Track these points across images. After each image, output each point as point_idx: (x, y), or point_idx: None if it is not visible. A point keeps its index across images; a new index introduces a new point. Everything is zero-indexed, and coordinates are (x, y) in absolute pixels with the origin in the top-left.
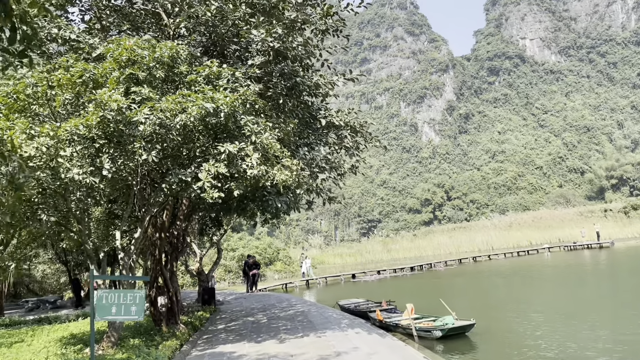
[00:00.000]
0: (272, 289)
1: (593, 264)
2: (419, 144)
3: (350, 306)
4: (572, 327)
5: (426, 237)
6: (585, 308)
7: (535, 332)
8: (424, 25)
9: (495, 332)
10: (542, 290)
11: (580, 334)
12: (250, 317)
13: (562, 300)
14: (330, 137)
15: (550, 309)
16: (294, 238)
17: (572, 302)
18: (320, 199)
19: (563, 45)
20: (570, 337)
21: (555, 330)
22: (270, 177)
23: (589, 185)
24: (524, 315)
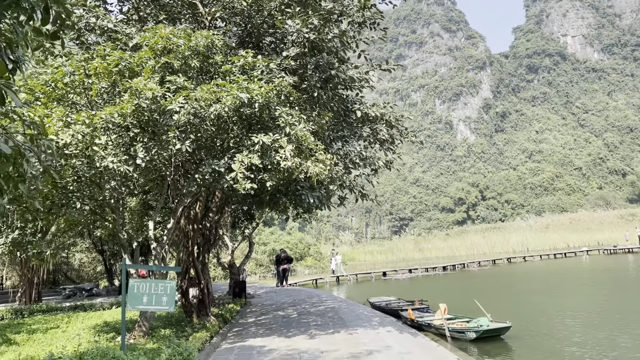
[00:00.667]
0: (303, 284)
1: (635, 269)
2: (453, 142)
3: (382, 304)
4: (610, 335)
5: (459, 236)
6: (624, 315)
7: (572, 337)
8: (461, 21)
9: (531, 336)
10: (580, 295)
11: (618, 342)
12: (281, 311)
13: (601, 306)
14: (364, 131)
15: (588, 314)
16: (325, 234)
17: (611, 309)
18: (352, 195)
19: (606, 42)
20: (607, 345)
21: (592, 337)
22: (303, 170)
23: (630, 188)
24: (560, 319)
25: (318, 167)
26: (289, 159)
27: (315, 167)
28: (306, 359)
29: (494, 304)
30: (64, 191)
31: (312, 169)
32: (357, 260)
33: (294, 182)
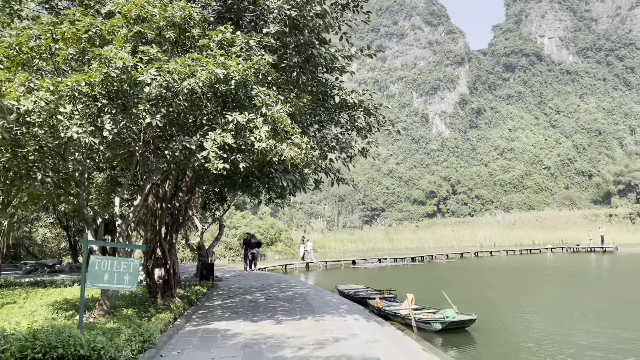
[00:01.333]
0: (272, 269)
1: (596, 267)
2: (428, 136)
3: (350, 292)
4: (570, 328)
5: (429, 229)
6: (584, 310)
7: (532, 333)
8: (443, 16)
9: (495, 328)
10: (542, 291)
11: (578, 335)
12: (248, 295)
13: (562, 303)
14: (342, 117)
15: (549, 311)
16: (297, 221)
17: (571, 306)
18: (328, 179)
19: (582, 46)
20: (568, 338)
21: (551, 333)
22: (278, 153)
23: (595, 189)
24: (523, 314)
25: (293, 150)
26: (263, 140)
27: (290, 150)
28: (271, 344)
29: (460, 296)
30: (24, 161)
31: (287, 152)
32: (328, 248)
33: (268, 165)
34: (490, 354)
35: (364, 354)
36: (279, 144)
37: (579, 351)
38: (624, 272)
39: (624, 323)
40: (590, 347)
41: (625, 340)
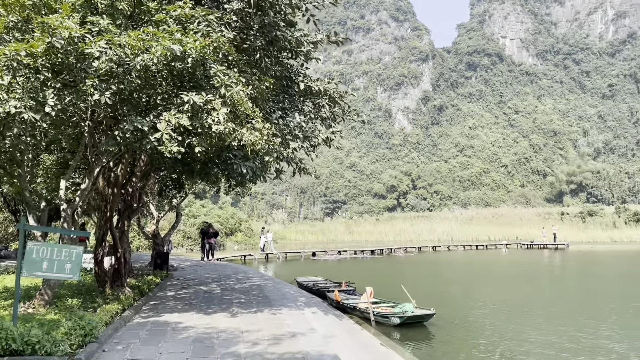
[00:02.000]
0: (230, 259)
1: (548, 264)
2: (391, 131)
3: (309, 284)
4: (523, 325)
5: (388, 222)
6: (536, 307)
7: (490, 326)
8: (409, 12)
9: (453, 324)
10: (498, 286)
11: (530, 332)
12: (203, 286)
13: (516, 297)
14: (306, 105)
15: (505, 304)
16: (258, 211)
17: (525, 300)
18: (290, 168)
19: (541, 48)
20: (520, 335)
21: (508, 327)
22: (237, 137)
23: (549, 188)
24: (480, 308)
25: (254, 135)
26: (221, 123)
27: (251, 135)
28: (224, 339)
29: (419, 290)
30: None
31: (247, 136)
32: (288, 239)
33: (226, 150)
34: (448, 350)
35: (321, 350)
36: (239, 128)
37: (530, 349)
38: (574, 269)
39: (574, 321)
40: (541, 344)
41: (575, 339)
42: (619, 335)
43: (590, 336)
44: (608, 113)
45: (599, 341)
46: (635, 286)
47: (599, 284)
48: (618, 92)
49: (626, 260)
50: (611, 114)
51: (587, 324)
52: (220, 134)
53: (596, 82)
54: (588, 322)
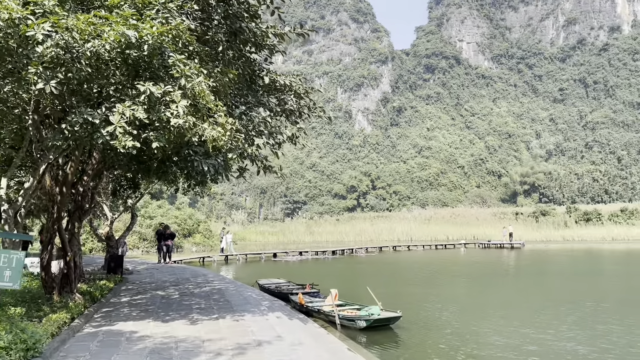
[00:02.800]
0: (189, 261)
1: (506, 263)
2: (351, 132)
3: (271, 286)
4: (487, 326)
5: (349, 222)
6: (498, 307)
7: (456, 328)
8: (369, 13)
9: (419, 326)
10: (460, 285)
11: (492, 334)
12: (161, 290)
13: (479, 297)
14: (270, 101)
15: (468, 305)
16: (217, 212)
17: (487, 300)
18: (254, 167)
19: (496, 52)
20: (485, 337)
21: (472, 328)
22: (198, 132)
23: (504, 189)
24: (444, 309)
25: (216, 130)
26: (181, 117)
27: (213, 130)
28: (184, 349)
29: (383, 291)
30: None
31: (209, 131)
32: (248, 240)
33: (186, 146)
34: (415, 353)
35: None
36: (200, 122)
37: (495, 352)
38: (531, 268)
39: (536, 322)
40: (505, 347)
41: (539, 342)
42: (580, 336)
43: (552, 338)
44: (559, 116)
45: (561, 343)
46: (590, 285)
47: (556, 283)
48: (568, 96)
49: (579, 259)
50: (562, 117)
51: (549, 325)
52: (180, 128)
53: (548, 86)
54: (550, 323)
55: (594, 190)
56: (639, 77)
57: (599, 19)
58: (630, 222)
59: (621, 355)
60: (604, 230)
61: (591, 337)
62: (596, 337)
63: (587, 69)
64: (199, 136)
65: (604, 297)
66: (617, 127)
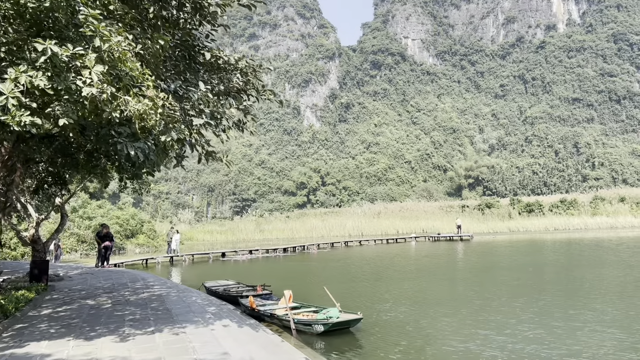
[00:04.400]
0: (131, 264)
1: (458, 255)
2: (300, 128)
3: (219, 289)
4: (449, 322)
5: (299, 219)
6: (456, 299)
7: (417, 327)
8: (315, 9)
9: (378, 326)
10: (416, 280)
11: (457, 330)
12: (91, 299)
13: (436, 291)
14: (212, 81)
15: (427, 300)
16: (162, 212)
17: (445, 293)
18: (194, 154)
19: (440, 49)
20: (449, 333)
21: (434, 325)
22: (120, 107)
23: (449, 182)
24: (404, 306)
25: (143, 103)
26: (95, 85)
27: (138, 103)
28: None
29: (336, 289)
30: None
31: (133, 105)
32: (196, 240)
33: (108, 126)
34: (376, 356)
35: None
36: (122, 94)
37: (461, 340)
38: (483, 259)
39: (496, 317)
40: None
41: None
42: (541, 335)
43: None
44: (500, 111)
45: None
46: (542, 275)
47: (509, 275)
48: (509, 92)
49: (525, 250)
50: (503, 112)
51: (507, 324)
52: (95, 100)
53: (489, 82)
54: (508, 322)
55: (534, 183)
56: (573, 73)
57: (536, 17)
58: (569, 212)
59: None
60: (546, 221)
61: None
62: (560, 336)
63: (525, 65)
64: (121, 111)
65: (555, 289)
66: (554, 121)
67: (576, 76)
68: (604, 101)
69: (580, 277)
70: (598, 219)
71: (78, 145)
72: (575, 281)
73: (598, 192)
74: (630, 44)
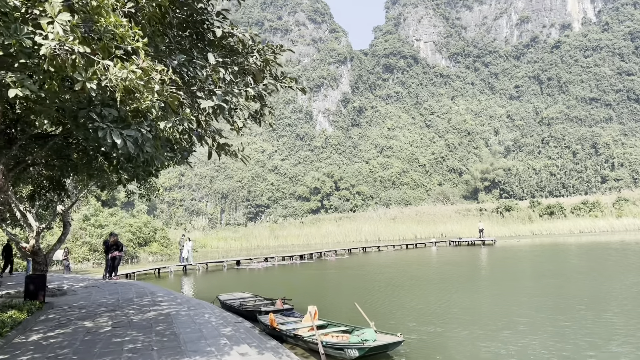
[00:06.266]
0: (143, 274)
1: (486, 262)
2: (312, 133)
3: (235, 303)
4: (504, 339)
5: (314, 225)
6: (501, 312)
7: (466, 348)
8: (326, 14)
9: (421, 348)
10: (449, 290)
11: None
12: (89, 320)
13: (477, 303)
14: (225, 62)
15: (469, 314)
16: (176, 219)
17: (487, 305)
18: (202, 147)
19: (453, 51)
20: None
21: (486, 344)
22: (97, 74)
23: (465, 186)
24: (445, 323)
25: (130, 70)
26: (57, 37)
27: (122, 70)
28: None
29: (364, 302)
30: None
31: (114, 71)
32: (209, 247)
33: (86, 101)
34: None
35: None
36: (99, 57)
37: None
38: (517, 266)
39: (552, 329)
40: None
41: None
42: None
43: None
44: (516, 113)
45: None
46: (580, 286)
47: (554, 282)
48: (524, 93)
49: (556, 254)
50: (518, 114)
51: (563, 349)
52: (60, 61)
53: (504, 83)
54: (563, 346)
55: (551, 185)
56: (589, 73)
57: (550, 17)
58: (592, 214)
59: None
60: (570, 223)
61: None
62: None
63: (540, 66)
64: (99, 82)
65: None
66: (571, 122)
67: (593, 75)
68: (622, 100)
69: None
70: (625, 221)
71: (75, 143)
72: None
73: (621, 193)
74: None
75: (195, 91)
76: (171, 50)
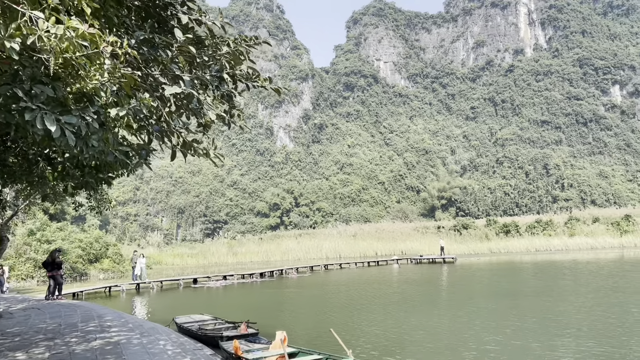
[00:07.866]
0: (92, 292)
1: (452, 280)
2: (273, 148)
3: (193, 326)
4: None
5: (274, 241)
6: (480, 335)
7: None
8: (288, 31)
9: None
10: (421, 311)
11: None
12: (22, 351)
13: (450, 324)
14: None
15: (445, 337)
16: (130, 234)
17: (462, 326)
18: (165, 145)
19: (412, 72)
20: None
21: None
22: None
23: (422, 204)
24: (417, 347)
25: (74, 41)
26: None
27: (56, 26)
28: None
29: (333, 325)
30: None
31: (44, 26)
32: (164, 264)
33: (10, 74)
34: None
35: None
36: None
37: None
38: (486, 284)
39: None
40: None
41: None
42: None
43: None
44: (471, 133)
45: None
46: (546, 306)
47: (514, 305)
48: (479, 114)
49: (516, 272)
50: (474, 134)
51: None
52: None
53: (460, 104)
54: None
55: (505, 204)
56: (541, 96)
57: (504, 42)
58: (545, 232)
59: None
60: (526, 242)
61: None
62: None
63: (495, 88)
64: (23, 39)
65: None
66: (524, 143)
67: (544, 99)
68: (571, 124)
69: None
70: (577, 240)
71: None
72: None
73: (571, 212)
74: (595, 68)
75: (158, 76)
76: (127, 29)
